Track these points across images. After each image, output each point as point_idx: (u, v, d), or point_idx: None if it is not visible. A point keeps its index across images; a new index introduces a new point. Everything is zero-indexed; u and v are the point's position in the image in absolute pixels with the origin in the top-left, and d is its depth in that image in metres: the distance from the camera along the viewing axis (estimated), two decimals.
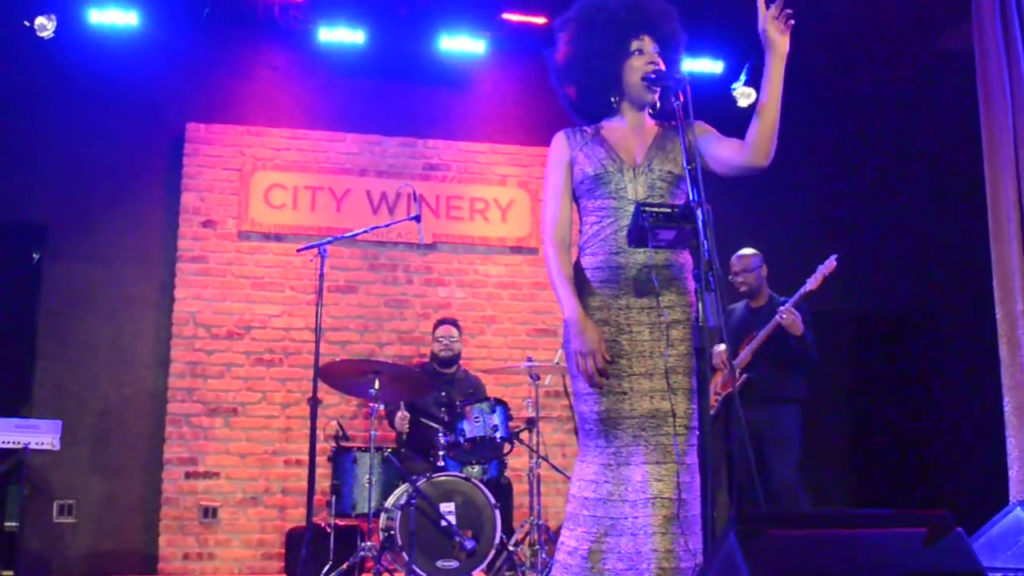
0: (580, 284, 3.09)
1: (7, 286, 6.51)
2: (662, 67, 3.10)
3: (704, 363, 2.71)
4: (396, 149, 7.15)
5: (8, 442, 5.43)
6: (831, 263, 5.35)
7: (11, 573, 5.71)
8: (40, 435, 5.47)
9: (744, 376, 5.51)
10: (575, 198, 3.20)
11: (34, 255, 6.67)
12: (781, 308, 5.38)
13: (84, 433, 6.38)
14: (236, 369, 6.63)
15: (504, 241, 7.18)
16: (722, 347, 5.41)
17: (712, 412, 5.51)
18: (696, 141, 2.95)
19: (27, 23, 6.30)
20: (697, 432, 2.96)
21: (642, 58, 3.12)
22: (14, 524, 5.91)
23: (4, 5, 6.30)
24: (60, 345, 6.47)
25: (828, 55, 7.14)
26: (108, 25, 6.53)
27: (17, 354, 6.42)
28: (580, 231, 3.19)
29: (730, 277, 5.75)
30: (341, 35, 6.85)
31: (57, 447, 5.62)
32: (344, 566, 5.18)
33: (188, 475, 6.45)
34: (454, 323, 6.38)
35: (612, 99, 3.19)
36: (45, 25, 6.31)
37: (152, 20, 6.64)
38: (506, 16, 7.03)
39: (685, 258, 3.09)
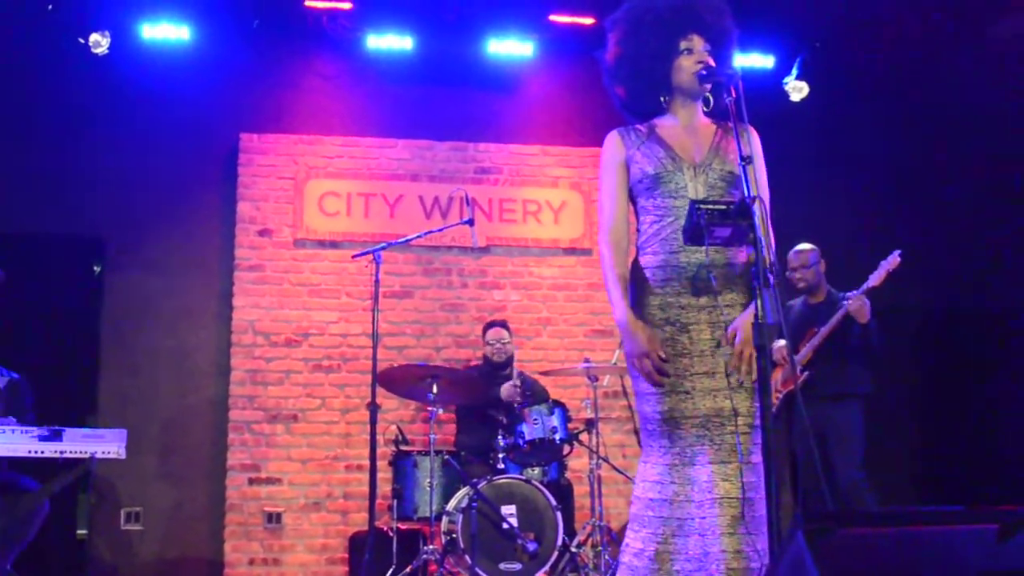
0: (639, 283, 3.07)
1: (71, 298, 6.63)
2: (712, 64, 3.08)
3: (765, 360, 2.68)
4: (447, 153, 7.17)
5: (76, 451, 5.51)
6: (894, 259, 5.27)
7: None
8: (106, 444, 5.53)
9: (805, 373, 5.45)
10: (631, 198, 3.17)
11: (95, 267, 6.78)
12: (850, 294, 5.32)
13: (148, 441, 6.47)
14: (295, 376, 6.69)
15: (558, 243, 7.16)
16: (782, 343, 5.35)
17: (773, 410, 5.44)
18: (750, 137, 2.92)
19: (82, 40, 6.42)
20: (761, 430, 2.92)
21: (691, 57, 3.10)
22: (84, 532, 6.01)
23: (60, 23, 6.43)
24: (123, 355, 6.58)
25: (884, 47, 7.04)
26: (160, 40, 6.63)
27: (82, 365, 6.53)
28: (637, 230, 3.16)
29: (788, 273, 5.68)
30: (389, 42, 6.89)
31: (123, 456, 5.68)
32: (407, 569, 5.21)
33: (251, 481, 6.51)
34: (503, 325, 6.37)
35: (662, 98, 3.18)
36: (99, 42, 6.42)
37: (203, 34, 6.73)
38: (553, 18, 7.02)
39: (743, 256, 3.06)
